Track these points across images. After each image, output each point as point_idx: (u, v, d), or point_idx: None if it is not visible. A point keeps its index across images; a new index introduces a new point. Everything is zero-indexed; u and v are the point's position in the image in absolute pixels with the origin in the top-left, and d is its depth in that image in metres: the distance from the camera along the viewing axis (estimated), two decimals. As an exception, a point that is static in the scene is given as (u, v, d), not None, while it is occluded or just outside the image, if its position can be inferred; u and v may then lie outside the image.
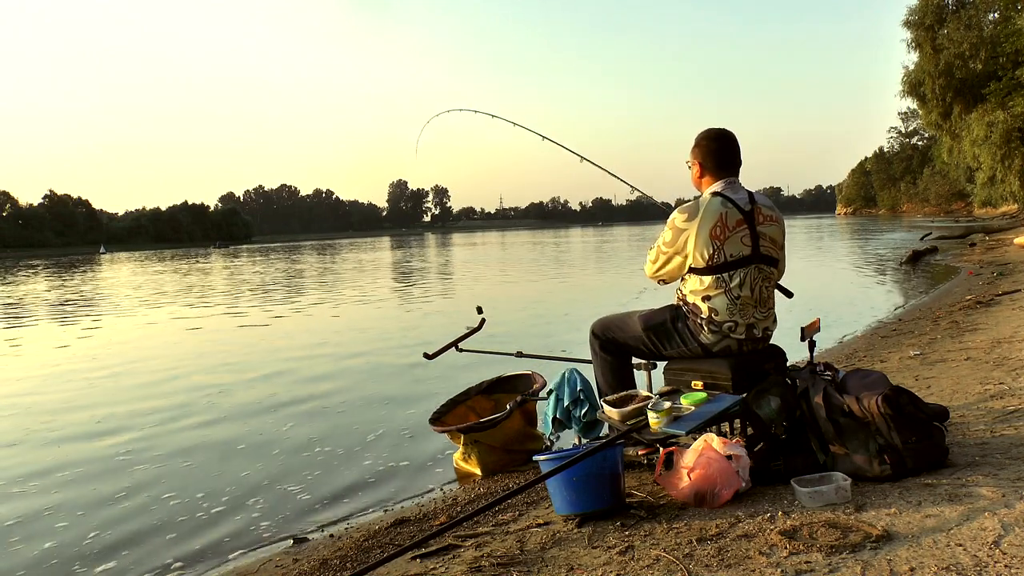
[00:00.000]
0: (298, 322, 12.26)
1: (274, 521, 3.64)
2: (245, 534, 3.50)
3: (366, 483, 4.11)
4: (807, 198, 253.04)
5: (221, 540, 3.45)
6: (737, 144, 3.01)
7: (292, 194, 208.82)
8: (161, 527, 3.63)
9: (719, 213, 2.83)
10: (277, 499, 3.93)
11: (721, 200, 2.86)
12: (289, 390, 6.70)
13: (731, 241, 2.83)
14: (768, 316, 2.96)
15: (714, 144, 2.98)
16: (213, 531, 3.55)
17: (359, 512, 3.70)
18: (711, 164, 2.97)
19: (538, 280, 19.24)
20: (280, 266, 33.27)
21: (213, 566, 3.20)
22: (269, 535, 3.48)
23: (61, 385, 7.50)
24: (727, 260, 2.83)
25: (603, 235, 68.46)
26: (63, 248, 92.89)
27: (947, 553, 1.90)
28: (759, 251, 2.88)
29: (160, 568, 3.21)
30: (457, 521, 2.46)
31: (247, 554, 3.29)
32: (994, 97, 29.69)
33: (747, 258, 2.85)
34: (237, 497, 3.99)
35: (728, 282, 2.84)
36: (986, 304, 7.91)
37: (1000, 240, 21.03)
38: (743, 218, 2.86)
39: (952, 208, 69.71)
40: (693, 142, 3.04)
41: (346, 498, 3.90)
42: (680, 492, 2.53)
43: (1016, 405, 3.37)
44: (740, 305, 2.84)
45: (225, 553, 3.31)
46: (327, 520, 3.61)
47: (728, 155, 2.98)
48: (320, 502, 3.86)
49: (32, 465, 4.79)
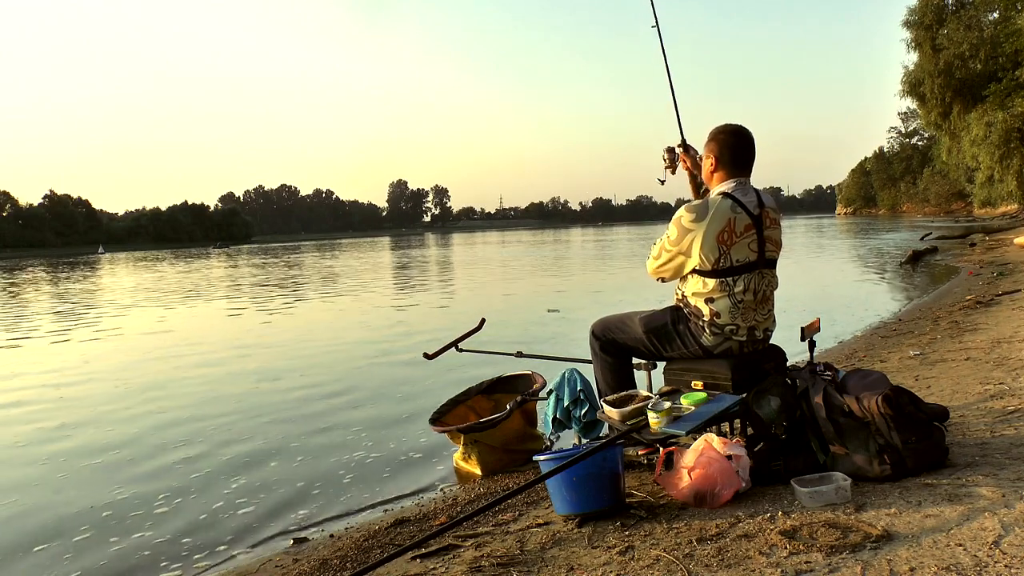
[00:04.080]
0: (297, 322, 12.26)
1: (274, 521, 3.64)
2: (245, 534, 3.50)
3: (366, 483, 4.11)
4: (807, 198, 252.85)
5: (221, 540, 3.45)
6: (754, 143, 2.93)
7: (292, 194, 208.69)
8: (161, 527, 3.63)
9: (728, 218, 2.77)
10: (277, 499, 3.93)
11: (731, 204, 2.79)
12: (288, 390, 6.69)
13: (738, 247, 2.78)
14: (768, 317, 2.95)
15: (732, 139, 2.89)
16: (213, 531, 3.55)
17: (359, 512, 3.70)
18: (727, 159, 2.88)
19: (538, 280, 19.23)
20: (280, 266, 33.26)
21: (213, 566, 3.20)
22: (269, 535, 3.48)
23: (61, 385, 7.50)
24: (733, 265, 2.78)
25: (603, 235, 68.44)
26: (63, 248, 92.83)
27: (947, 553, 1.90)
28: (764, 256, 2.86)
29: (160, 568, 3.20)
30: (457, 521, 2.46)
31: (247, 554, 3.29)
32: (994, 98, 29.69)
33: (753, 263, 2.82)
34: (237, 497, 3.99)
35: (732, 286, 2.80)
36: (986, 304, 7.91)
37: (1000, 240, 21.03)
38: (752, 223, 2.80)
39: (952, 208, 69.70)
40: (708, 135, 2.94)
41: (346, 498, 3.90)
42: (680, 492, 2.53)
43: (1016, 405, 3.37)
44: (743, 308, 2.82)
45: (225, 553, 3.32)
46: (327, 520, 3.61)
47: (745, 153, 2.90)
48: (320, 502, 3.86)
49: (32, 465, 4.79)
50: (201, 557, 3.28)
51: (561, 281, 18.56)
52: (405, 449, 4.68)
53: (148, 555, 3.33)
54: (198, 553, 3.32)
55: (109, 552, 3.38)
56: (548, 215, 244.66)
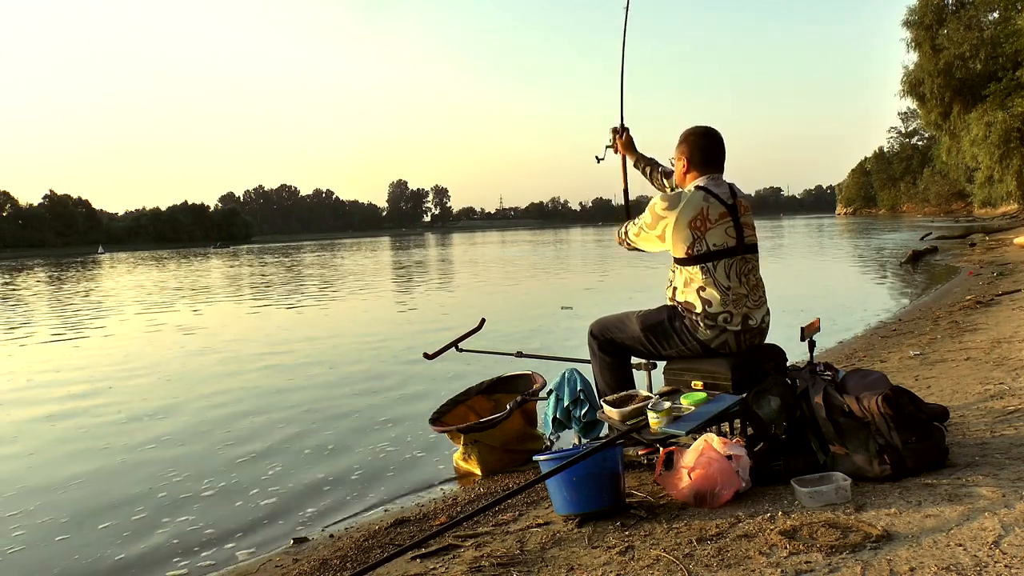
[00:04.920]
0: (297, 322, 12.26)
1: (274, 521, 3.64)
2: (245, 534, 3.50)
3: (366, 483, 4.11)
4: (807, 198, 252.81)
5: (221, 540, 3.45)
6: (723, 142, 3.05)
7: (292, 194, 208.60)
8: (161, 527, 3.63)
9: (700, 207, 2.87)
10: (277, 499, 3.93)
11: (704, 194, 2.90)
12: (288, 390, 6.70)
13: (714, 232, 2.86)
14: (761, 306, 2.98)
15: (703, 140, 3.01)
16: (213, 530, 3.55)
17: (359, 512, 3.70)
18: (699, 160, 2.99)
19: (538, 280, 19.23)
20: (281, 267, 33.26)
21: (213, 566, 3.20)
22: (269, 535, 3.48)
23: (58, 386, 7.50)
24: (710, 250, 2.86)
25: (603, 235, 68.42)
26: (63, 248, 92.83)
27: (947, 553, 1.90)
28: (743, 241, 2.93)
29: (160, 567, 3.20)
30: (457, 521, 2.46)
31: (247, 554, 3.29)
32: (994, 98, 29.68)
33: (732, 249, 2.89)
34: (237, 497, 3.99)
35: (713, 272, 2.86)
36: (986, 304, 7.91)
37: (1000, 240, 21.04)
38: (726, 211, 2.90)
39: (952, 208, 69.71)
40: (679, 139, 3.06)
41: (346, 498, 3.90)
42: (680, 492, 2.53)
43: (1016, 405, 3.37)
44: (733, 296, 2.87)
45: (225, 553, 3.31)
46: (327, 520, 3.61)
47: (715, 152, 3.01)
48: (320, 502, 3.86)
49: (31, 465, 4.79)
50: (201, 557, 3.28)
51: (579, 279, 18.56)
52: (405, 449, 4.68)
53: (148, 554, 3.33)
54: (198, 553, 3.32)
55: (108, 552, 3.38)
56: (548, 215, 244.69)
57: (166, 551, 3.36)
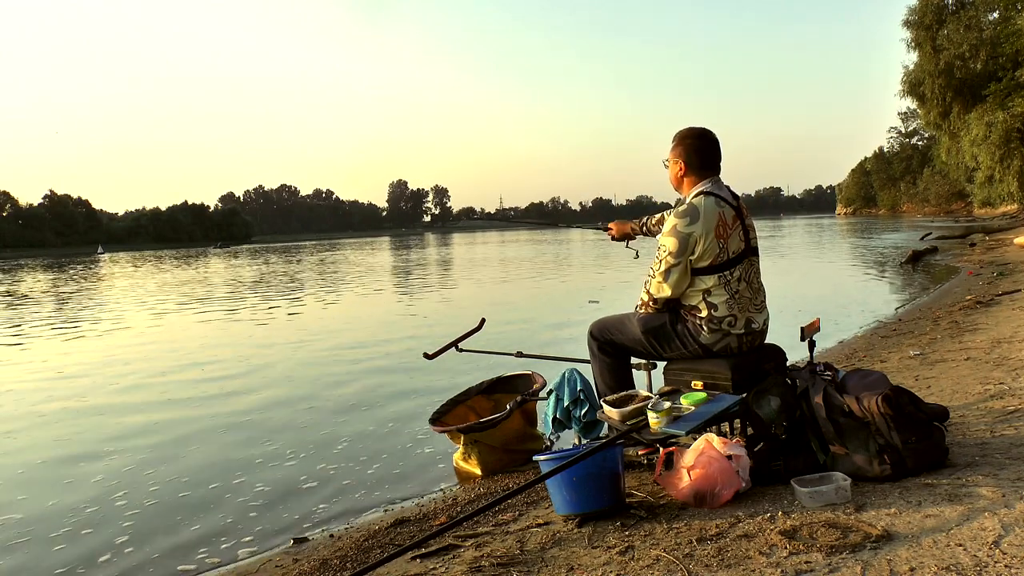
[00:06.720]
0: (297, 322, 12.25)
1: (274, 521, 3.64)
2: (245, 534, 3.50)
3: (366, 483, 4.11)
4: (807, 198, 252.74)
5: (221, 539, 3.45)
6: (719, 143, 2.99)
7: (292, 194, 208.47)
8: (161, 527, 3.63)
9: (718, 212, 2.83)
10: (277, 499, 3.93)
11: (715, 199, 2.85)
12: (288, 390, 6.70)
13: (732, 238, 2.85)
14: (762, 309, 2.98)
15: (699, 143, 2.94)
16: (213, 531, 3.55)
17: (359, 512, 3.70)
18: (696, 163, 2.93)
19: (538, 279, 19.22)
20: (281, 267, 33.25)
21: (213, 566, 3.20)
22: (269, 535, 3.48)
23: (58, 386, 7.50)
24: (730, 258, 2.84)
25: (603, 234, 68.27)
26: (63, 248, 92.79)
27: (947, 553, 1.90)
28: (750, 245, 2.93)
29: (160, 568, 3.21)
30: (457, 521, 2.45)
31: (247, 554, 3.29)
32: (994, 98, 29.68)
33: (743, 253, 2.88)
34: (237, 497, 3.99)
35: (730, 278, 2.84)
36: (986, 304, 7.91)
37: (1000, 240, 21.03)
38: (736, 214, 2.89)
39: (952, 208, 69.64)
40: (674, 140, 2.98)
41: (346, 498, 3.90)
42: (680, 492, 2.53)
43: (1016, 405, 3.37)
44: (738, 300, 2.86)
45: (225, 553, 3.31)
46: (327, 520, 3.61)
47: (712, 154, 2.95)
48: (320, 502, 3.86)
49: (30, 464, 4.79)
50: (201, 556, 3.28)
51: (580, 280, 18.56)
52: (405, 449, 4.68)
53: (148, 555, 3.33)
54: (198, 552, 3.32)
55: (108, 552, 3.38)
56: (548, 215, 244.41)
57: (166, 551, 3.36)
